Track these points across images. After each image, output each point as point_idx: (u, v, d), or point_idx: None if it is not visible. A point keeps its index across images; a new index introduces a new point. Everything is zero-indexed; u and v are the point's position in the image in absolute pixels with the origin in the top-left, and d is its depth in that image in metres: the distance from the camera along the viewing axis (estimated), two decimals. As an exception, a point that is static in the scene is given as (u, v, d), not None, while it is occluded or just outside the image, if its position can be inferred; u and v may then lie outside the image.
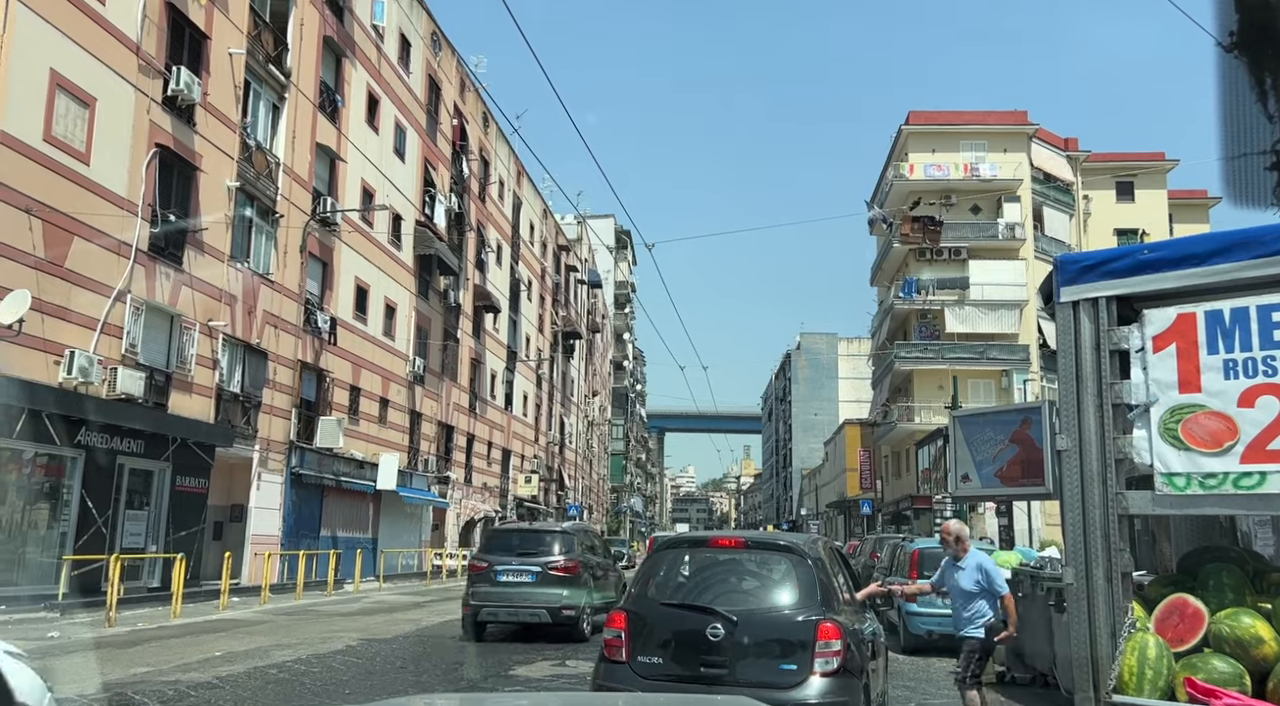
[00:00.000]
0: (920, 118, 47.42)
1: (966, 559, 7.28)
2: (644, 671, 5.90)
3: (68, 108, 16.09)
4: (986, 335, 43.94)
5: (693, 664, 5.82)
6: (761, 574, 6.35)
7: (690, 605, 6.07)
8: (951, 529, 7.44)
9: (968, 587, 7.18)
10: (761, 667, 5.74)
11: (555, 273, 57.08)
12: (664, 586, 6.36)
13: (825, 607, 5.93)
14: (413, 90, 32.79)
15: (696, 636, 5.81)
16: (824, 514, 72.69)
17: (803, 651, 5.70)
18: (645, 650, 5.99)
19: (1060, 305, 5.83)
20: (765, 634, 5.87)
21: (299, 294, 24.47)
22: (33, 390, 14.83)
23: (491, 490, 42.81)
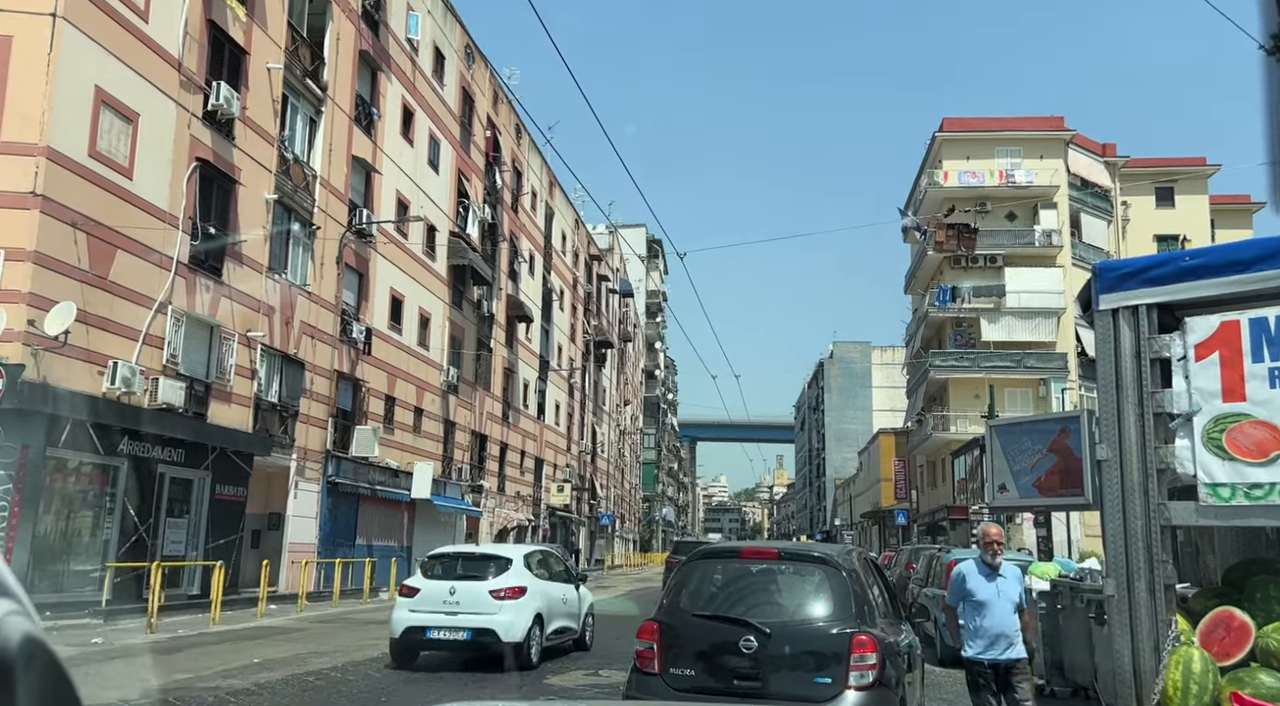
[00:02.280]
0: (955, 124, 47.08)
1: (1006, 567, 6.69)
2: (676, 683, 5.86)
3: (112, 123, 16.45)
4: (1023, 343, 43.42)
5: (726, 676, 5.78)
6: (795, 585, 6.26)
7: (723, 617, 5.99)
8: (994, 532, 6.73)
9: (1015, 599, 6.55)
10: (795, 680, 5.69)
11: (587, 282, 57.27)
12: (696, 597, 6.28)
13: (860, 620, 5.85)
14: (446, 102, 33.14)
15: (730, 648, 5.75)
16: (858, 524, 72.08)
17: (837, 664, 5.62)
18: (678, 662, 5.95)
19: (1099, 313, 5.76)
20: (799, 646, 5.81)
21: (335, 305, 24.78)
22: (77, 400, 15.13)
23: (525, 499, 42.97)
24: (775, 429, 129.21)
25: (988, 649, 6.50)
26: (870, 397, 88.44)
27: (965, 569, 6.74)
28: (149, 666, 10.44)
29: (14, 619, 0.79)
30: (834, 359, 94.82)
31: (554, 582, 13.17)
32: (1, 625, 0.77)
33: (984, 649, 6.55)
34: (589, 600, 14.52)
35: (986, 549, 6.69)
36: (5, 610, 0.79)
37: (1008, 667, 6.50)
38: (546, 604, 12.39)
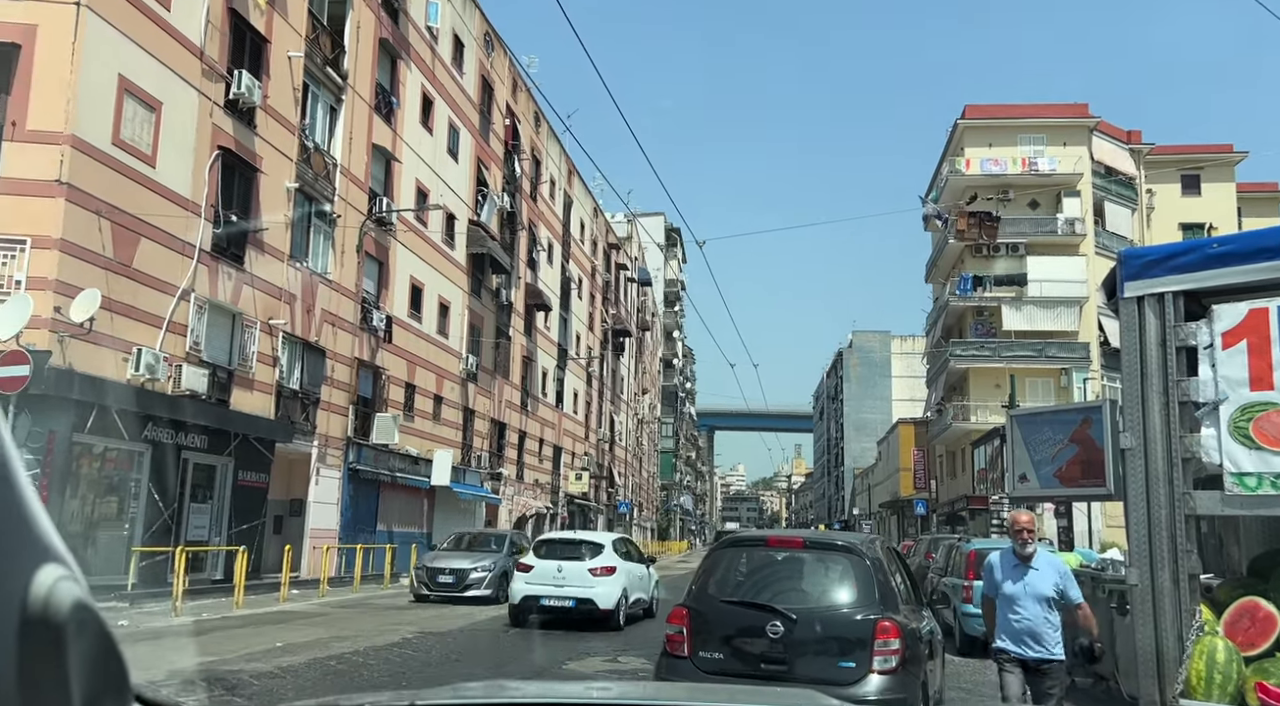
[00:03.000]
0: (977, 112, 46.59)
1: (1040, 558, 5.93)
2: (705, 666, 6.07)
3: (135, 112, 16.57)
4: (1045, 333, 43.06)
5: (753, 660, 6.00)
6: (820, 573, 6.45)
7: (750, 603, 6.19)
8: (1023, 519, 5.95)
9: (1047, 593, 5.83)
10: (821, 664, 5.89)
11: (605, 271, 57.27)
12: (724, 584, 6.47)
13: (884, 606, 6.05)
14: (466, 91, 33.14)
15: (757, 633, 5.98)
16: (877, 514, 71.91)
17: (861, 649, 5.83)
18: (706, 646, 6.15)
19: (1124, 301, 5.70)
20: (824, 631, 6.01)
21: (356, 293, 24.90)
22: (103, 386, 15.30)
23: (543, 487, 43.13)
24: (793, 418, 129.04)
25: (1013, 644, 5.93)
26: (889, 387, 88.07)
27: (994, 559, 6.10)
28: (174, 649, 10.58)
29: (65, 584, 0.79)
30: (853, 348, 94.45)
31: (632, 563, 16.15)
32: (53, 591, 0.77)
33: (1010, 643, 5.95)
34: (655, 577, 17.67)
35: (1015, 538, 5.94)
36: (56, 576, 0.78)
37: (1036, 667, 5.85)
38: (629, 580, 15.39)
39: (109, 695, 0.86)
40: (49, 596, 0.76)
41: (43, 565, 0.77)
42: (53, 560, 0.79)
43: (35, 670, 0.74)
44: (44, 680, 0.75)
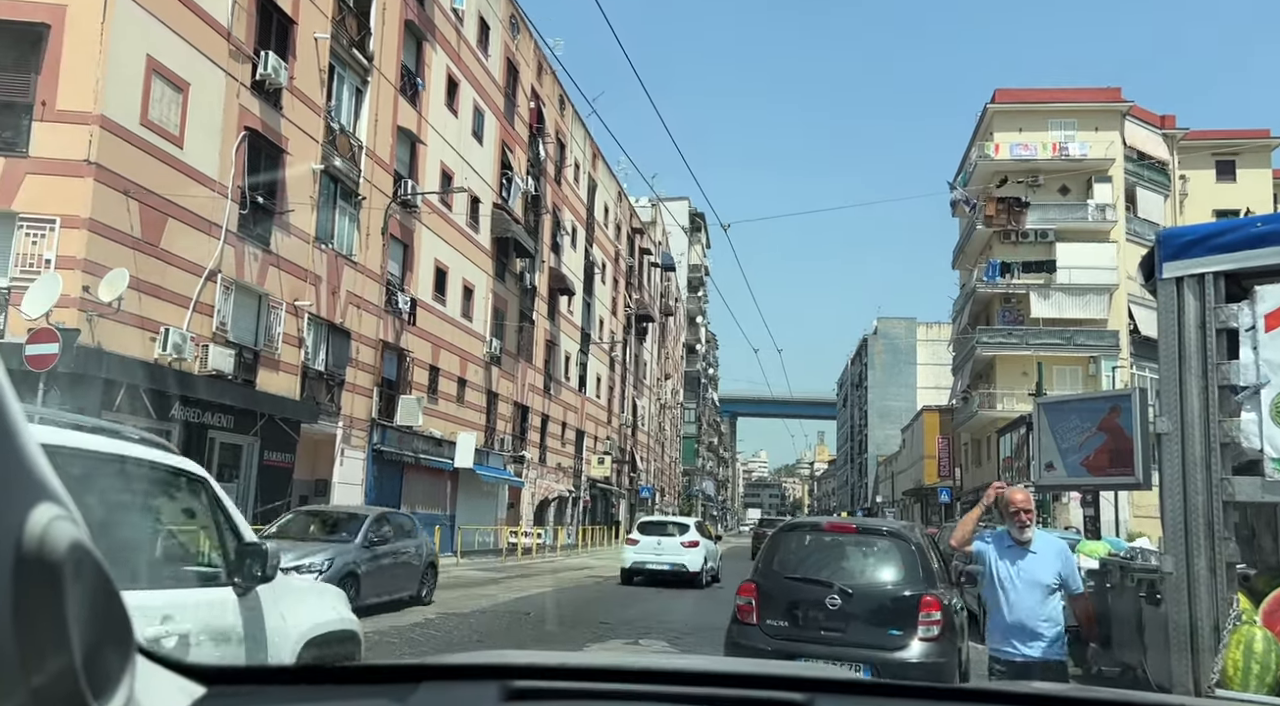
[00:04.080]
0: (1007, 96, 45.92)
1: (1039, 540, 5.27)
2: (771, 632, 6.95)
3: (163, 92, 16.63)
4: (1073, 320, 42.50)
5: (814, 627, 6.88)
6: (871, 554, 7.34)
7: (812, 579, 7.06)
8: (1019, 498, 5.31)
9: (1047, 580, 5.16)
10: (873, 632, 6.76)
11: (629, 255, 57.15)
12: (786, 562, 7.38)
13: (926, 583, 6.94)
14: (491, 73, 33.07)
15: (818, 604, 6.88)
16: (900, 501, 71.57)
17: (908, 619, 6.70)
18: (772, 615, 7.04)
19: (1162, 282, 5.55)
20: (876, 603, 6.91)
21: (380, 275, 24.97)
22: (130, 365, 15.44)
23: (565, 470, 43.24)
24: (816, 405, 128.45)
25: (1003, 643, 5.13)
26: (914, 374, 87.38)
27: (984, 543, 5.31)
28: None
29: (61, 524, 0.76)
30: (878, 335, 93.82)
31: (707, 539, 22.12)
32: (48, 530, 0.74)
33: (999, 642, 5.15)
34: (719, 551, 25.08)
35: (1012, 519, 5.26)
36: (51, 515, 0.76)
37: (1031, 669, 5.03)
38: (706, 552, 21.34)
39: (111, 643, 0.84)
40: (44, 534, 0.74)
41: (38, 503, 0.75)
42: (49, 499, 0.77)
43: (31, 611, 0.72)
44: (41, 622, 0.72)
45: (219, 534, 4.46)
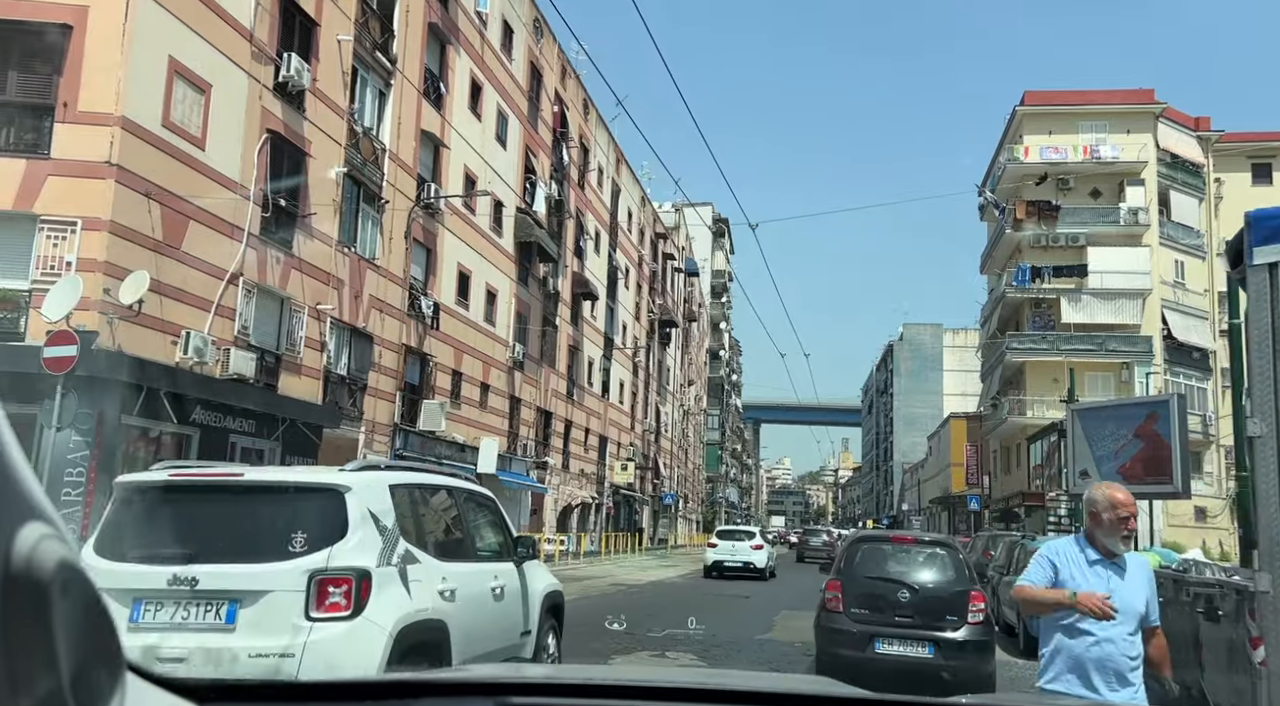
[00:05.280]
0: (1037, 98, 45.23)
1: (1133, 557, 4.13)
2: (855, 618, 9.02)
3: (185, 94, 16.52)
4: (1105, 326, 41.71)
5: (890, 614, 8.93)
6: (928, 559, 9.46)
7: (885, 578, 9.16)
8: (1122, 498, 4.03)
9: (1138, 606, 4.00)
10: (934, 618, 8.84)
11: (653, 260, 56.85)
12: (863, 565, 9.44)
13: (971, 582, 9.21)
14: (515, 77, 32.91)
15: (891, 597, 8.99)
16: (927, 509, 70.67)
17: (960, 608, 8.83)
18: (855, 605, 9.10)
19: (1253, 268, 5.12)
20: (935, 596, 9.00)
21: (403, 279, 24.80)
22: (151, 369, 15.28)
23: (589, 477, 42.93)
24: (840, 412, 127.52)
25: (1078, 684, 3.95)
26: (941, 381, 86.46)
27: (1056, 551, 4.15)
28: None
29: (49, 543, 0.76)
30: (904, 341, 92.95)
31: (768, 543, 29.42)
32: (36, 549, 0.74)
33: (1072, 683, 3.97)
34: (775, 553, 31.29)
35: (1111, 527, 4.00)
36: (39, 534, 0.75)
37: None
38: (768, 553, 28.22)
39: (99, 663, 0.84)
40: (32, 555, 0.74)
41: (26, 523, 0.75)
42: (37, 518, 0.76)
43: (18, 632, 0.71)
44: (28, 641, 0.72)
45: (504, 531, 7.52)
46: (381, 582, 5.11)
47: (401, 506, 5.64)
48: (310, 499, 5.34)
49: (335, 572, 4.94)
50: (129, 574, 5.02)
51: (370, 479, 5.58)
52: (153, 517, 5.36)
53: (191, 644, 4.85)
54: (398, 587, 5.25)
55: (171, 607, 4.95)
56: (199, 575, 4.93)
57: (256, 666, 4.77)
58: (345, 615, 4.88)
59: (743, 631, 13.34)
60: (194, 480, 5.57)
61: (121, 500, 5.48)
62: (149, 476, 5.68)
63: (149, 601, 4.99)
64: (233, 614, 4.90)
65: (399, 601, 5.20)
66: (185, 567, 4.95)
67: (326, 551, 4.99)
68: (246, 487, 5.55)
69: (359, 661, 4.76)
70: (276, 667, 4.74)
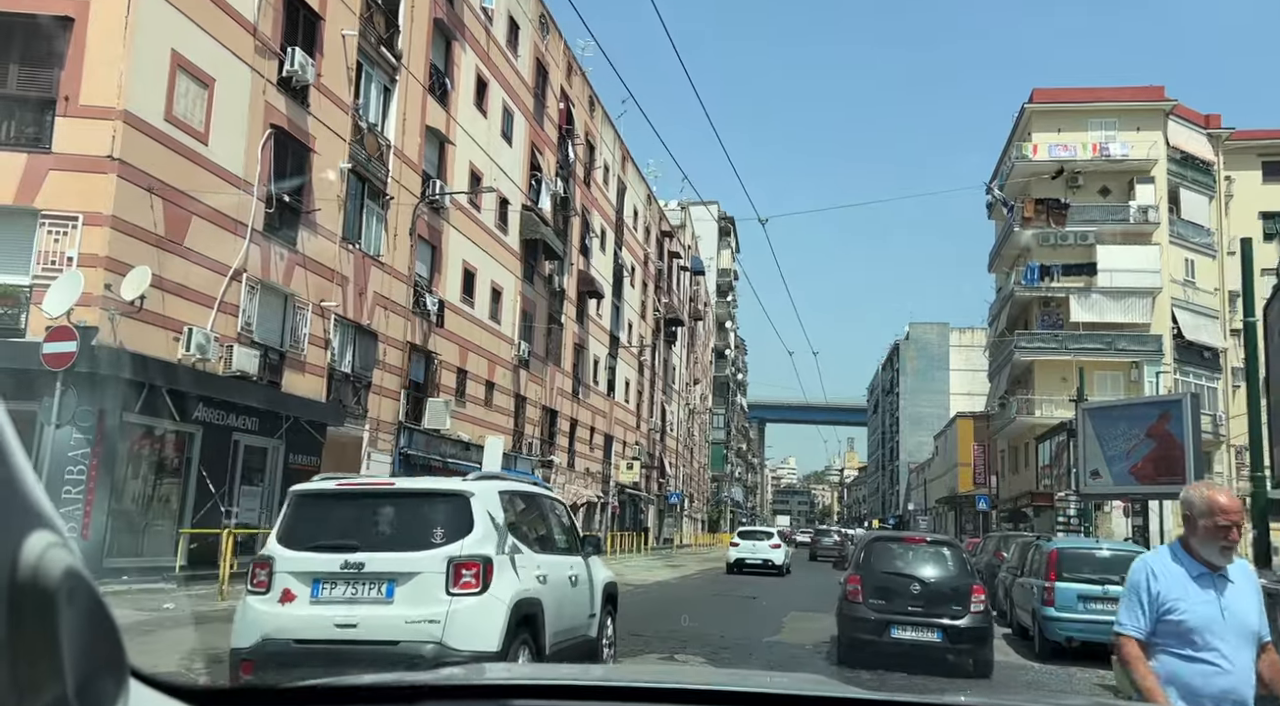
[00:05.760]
0: (1045, 95, 44.93)
1: (1239, 567, 3.53)
2: (873, 608, 10.25)
3: (188, 88, 16.34)
4: (1115, 324, 41.41)
5: (903, 604, 10.17)
6: (935, 557, 10.72)
7: (899, 573, 10.50)
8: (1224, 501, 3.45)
9: (1253, 624, 3.47)
10: (941, 607, 10.08)
11: (658, 259, 56.63)
12: (879, 562, 10.74)
13: (972, 577, 10.63)
14: (520, 73, 32.71)
15: (904, 589, 10.26)
16: (933, 509, 70.35)
17: (964, 599, 10.13)
18: (872, 596, 10.35)
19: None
20: (942, 589, 10.24)
21: (408, 276, 24.62)
22: (153, 366, 15.11)
23: (594, 475, 42.74)
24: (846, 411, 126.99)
25: None
26: (947, 380, 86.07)
27: (1154, 573, 3.53)
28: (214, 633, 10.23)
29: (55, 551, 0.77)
30: (910, 340, 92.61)
31: (785, 542, 32.10)
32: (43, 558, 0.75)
33: None
34: (791, 551, 33.43)
35: (1210, 535, 3.43)
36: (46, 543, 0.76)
37: None
38: (785, 551, 30.61)
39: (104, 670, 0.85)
40: (39, 563, 0.75)
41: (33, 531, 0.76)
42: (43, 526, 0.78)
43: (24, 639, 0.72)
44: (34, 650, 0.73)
45: (574, 530, 8.82)
46: (499, 567, 6.48)
47: (507, 508, 7.07)
48: (444, 502, 6.69)
49: (467, 558, 6.31)
50: (309, 560, 6.41)
51: (486, 486, 6.99)
52: (325, 516, 6.77)
53: (360, 614, 6.20)
54: (510, 571, 6.62)
55: (344, 586, 6.31)
56: (364, 561, 6.30)
57: (411, 630, 6.11)
58: (476, 591, 6.25)
59: (752, 633, 13.12)
60: (356, 488, 7.03)
61: (297, 503, 6.80)
62: (319, 485, 6.99)
63: (325, 581, 6.34)
64: (391, 590, 6.27)
65: (512, 582, 6.58)
66: (353, 555, 6.30)
67: (460, 542, 6.36)
68: (397, 493, 7.14)
69: (487, 626, 6.23)
70: (426, 632, 6.10)
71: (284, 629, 6.22)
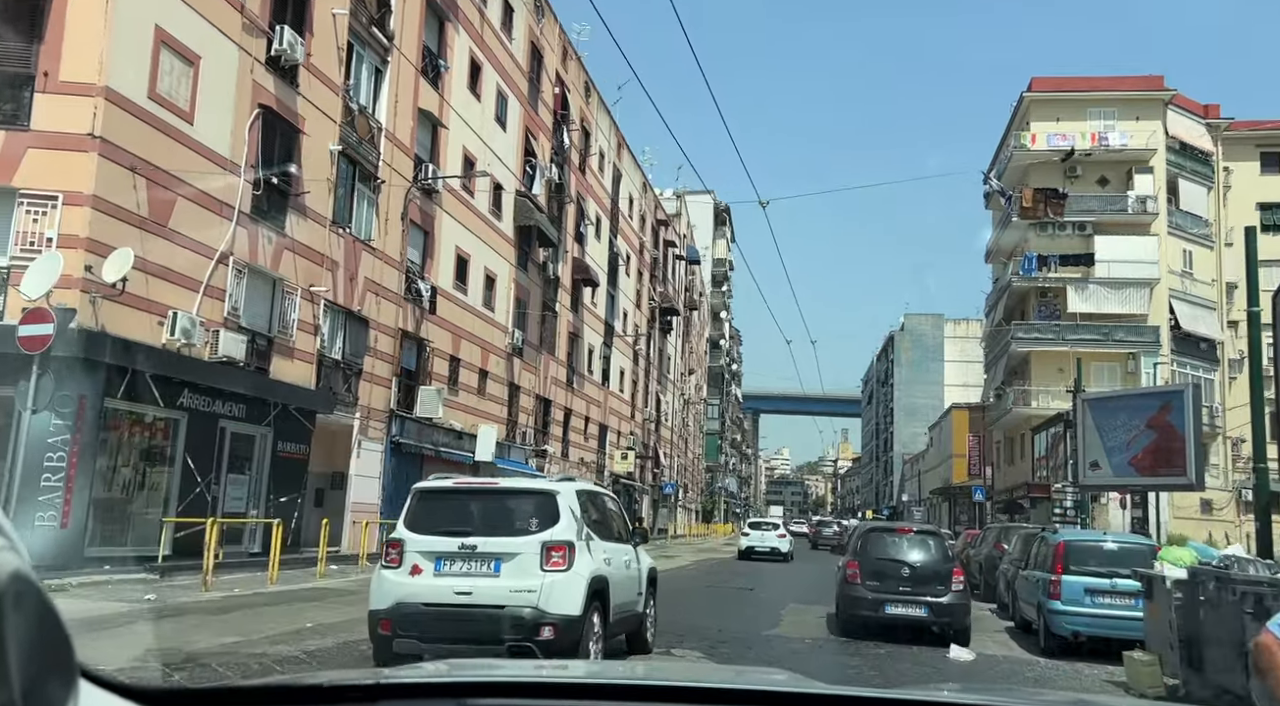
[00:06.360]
0: (1044, 84, 44.56)
1: None
2: (869, 588, 12.02)
3: (172, 65, 15.88)
4: (1112, 316, 41.17)
5: (894, 585, 11.91)
6: (922, 544, 12.51)
7: (891, 558, 12.24)
8: None
9: None
10: (926, 587, 11.82)
11: (654, 247, 56.20)
12: (873, 548, 12.57)
13: (953, 562, 12.53)
14: (515, 57, 32.21)
15: (896, 573, 12.02)
16: (927, 500, 70.24)
17: (946, 580, 11.92)
18: (868, 578, 12.11)
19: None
20: (928, 571, 12.00)
21: (400, 261, 24.20)
22: (136, 350, 14.71)
23: (588, 465, 42.42)
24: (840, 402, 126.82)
25: None
26: (942, 371, 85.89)
27: None
28: (197, 626, 9.88)
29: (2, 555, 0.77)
30: (905, 331, 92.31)
31: (789, 533, 35.92)
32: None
33: None
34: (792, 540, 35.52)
35: None
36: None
37: None
38: (789, 540, 34.52)
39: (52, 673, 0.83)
40: None
41: None
42: None
43: None
44: None
45: (625, 522, 10.14)
46: (579, 550, 7.98)
47: (582, 504, 8.50)
48: (537, 497, 8.26)
49: (556, 543, 7.84)
50: (433, 542, 7.94)
51: (567, 485, 8.58)
52: (443, 508, 8.30)
53: (474, 584, 7.73)
54: (586, 554, 8.08)
55: (461, 563, 7.85)
56: (477, 543, 7.83)
57: (514, 597, 7.61)
58: (563, 569, 7.77)
59: (751, 627, 12.83)
60: (468, 486, 8.95)
61: (420, 497, 8.36)
62: (438, 484, 8.66)
63: (445, 559, 7.88)
64: (498, 567, 7.80)
65: (588, 562, 8.07)
66: (468, 539, 7.85)
67: (550, 530, 7.89)
68: (500, 491, 8.80)
69: (572, 596, 7.74)
70: (526, 599, 7.61)
71: (414, 595, 7.73)
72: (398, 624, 7.66)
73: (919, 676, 9.65)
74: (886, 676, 9.41)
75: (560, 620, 7.56)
